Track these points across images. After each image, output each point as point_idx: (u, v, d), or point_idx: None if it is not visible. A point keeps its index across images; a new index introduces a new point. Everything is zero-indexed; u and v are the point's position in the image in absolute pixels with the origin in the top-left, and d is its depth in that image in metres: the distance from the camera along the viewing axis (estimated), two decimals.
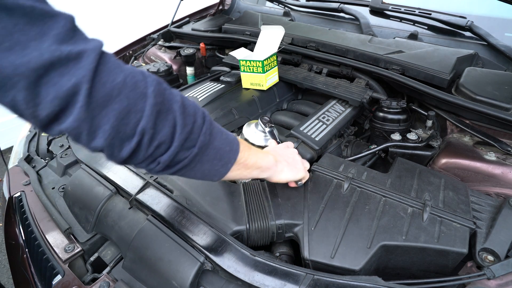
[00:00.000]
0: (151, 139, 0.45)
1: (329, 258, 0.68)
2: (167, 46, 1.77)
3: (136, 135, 0.44)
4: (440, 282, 0.67)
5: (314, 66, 1.35)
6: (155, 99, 0.44)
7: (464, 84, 1.05)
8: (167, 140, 0.47)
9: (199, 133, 0.51)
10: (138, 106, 0.43)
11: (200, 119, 0.51)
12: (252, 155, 0.66)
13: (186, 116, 0.49)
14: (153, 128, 0.45)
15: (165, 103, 0.46)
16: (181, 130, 0.48)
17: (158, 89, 0.46)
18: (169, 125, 0.46)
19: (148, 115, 0.44)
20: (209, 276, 0.69)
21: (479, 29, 1.28)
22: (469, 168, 0.92)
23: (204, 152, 0.53)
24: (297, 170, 0.79)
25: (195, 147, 0.51)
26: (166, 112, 0.46)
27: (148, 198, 0.80)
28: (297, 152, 0.83)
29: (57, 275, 0.77)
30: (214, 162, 0.56)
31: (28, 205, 0.94)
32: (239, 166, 0.62)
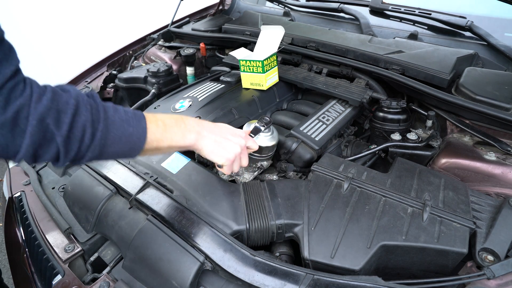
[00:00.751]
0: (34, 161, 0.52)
1: (329, 258, 0.68)
2: (167, 46, 1.77)
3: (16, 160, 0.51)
4: (440, 282, 0.67)
5: (314, 66, 1.35)
6: (31, 139, 0.49)
7: (464, 84, 1.05)
8: (52, 160, 0.54)
9: (86, 150, 0.55)
10: (16, 141, 0.48)
11: (88, 139, 0.54)
12: (165, 140, 0.66)
13: (69, 144, 0.53)
14: (32, 157, 0.51)
15: (47, 137, 0.50)
16: (64, 156, 0.53)
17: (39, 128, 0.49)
18: (51, 152, 0.52)
19: (24, 151, 0.49)
20: (209, 276, 0.69)
21: (479, 29, 1.28)
22: (469, 168, 0.92)
23: (98, 157, 0.58)
24: (223, 150, 0.73)
25: (83, 159, 0.56)
26: (47, 144, 0.51)
27: (148, 198, 0.80)
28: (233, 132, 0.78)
29: (57, 275, 0.77)
30: (114, 157, 0.62)
31: (28, 205, 0.94)
32: (148, 152, 0.65)
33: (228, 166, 0.75)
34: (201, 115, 1.07)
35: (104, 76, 1.58)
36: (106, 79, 1.57)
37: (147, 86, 1.47)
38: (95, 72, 1.61)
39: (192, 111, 1.09)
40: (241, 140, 0.77)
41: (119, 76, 1.51)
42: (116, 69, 1.64)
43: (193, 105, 1.13)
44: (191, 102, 1.15)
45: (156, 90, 1.42)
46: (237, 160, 0.77)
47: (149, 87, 1.46)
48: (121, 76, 1.50)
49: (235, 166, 0.77)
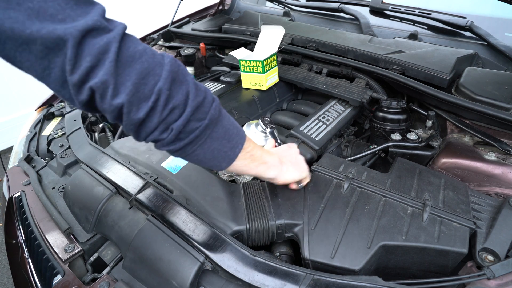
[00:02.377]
0: (166, 101, 0.50)
1: (329, 258, 0.68)
2: (167, 46, 1.77)
3: (153, 95, 0.49)
4: (440, 282, 0.67)
5: (314, 66, 1.35)
6: (171, 67, 0.51)
7: (464, 84, 1.05)
8: (180, 105, 0.52)
9: (210, 107, 0.56)
10: (156, 70, 0.49)
11: (210, 96, 0.57)
12: (257, 148, 0.68)
13: (198, 89, 0.54)
14: (168, 90, 0.50)
15: (179, 74, 0.52)
16: (193, 98, 0.53)
17: (173, 63, 0.52)
18: (182, 93, 0.52)
19: (164, 78, 0.50)
20: (209, 276, 0.69)
21: (479, 29, 1.28)
22: (469, 168, 0.92)
23: (213, 127, 0.57)
24: (302, 169, 0.79)
25: (205, 119, 0.55)
26: (180, 81, 0.52)
27: (148, 198, 0.80)
28: (299, 152, 0.83)
29: (57, 275, 0.77)
30: (223, 142, 0.60)
31: (28, 205, 0.94)
32: (245, 155, 0.65)
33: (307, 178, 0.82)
34: None
35: None
36: None
37: None
38: None
39: None
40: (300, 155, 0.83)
41: None
42: None
43: None
44: None
45: None
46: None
47: None
48: None
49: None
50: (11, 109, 2.93)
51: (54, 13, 0.43)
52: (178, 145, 0.55)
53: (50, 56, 0.45)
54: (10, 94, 2.87)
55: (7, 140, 2.99)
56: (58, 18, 0.43)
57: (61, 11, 0.44)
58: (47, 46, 0.43)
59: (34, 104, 1.44)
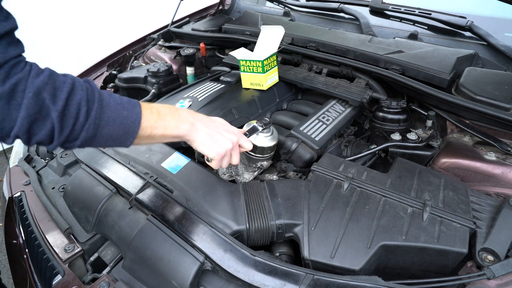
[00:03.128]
0: (28, 140, 0.53)
1: (329, 258, 0.68)
2: (167, 46, 1.77)
3: (11, 138, 0.52)
4: (440, 282, 0.67)
5: (314, 66, 1.35)
6: (27, 111, 0.50)
7: (464, 84, 1.05)
8: (46, 139, 0.54)
9: (81, 129, 0.56)
10: (12, 115, 0.50)
11: (83, 117, 0.56)
12: (159, 128, 0.66)
13: (64, 121, 0.54)
14: (27, 133, 0.52)
15: (42, 112, 0.52)
16: (58, 134, 0.54)
17: (35, 101, 0.51)
18: (46, 129, 0.53)
19: (19, 125, 0.51)
20: (209, 276, 0.69)
21: (479, 29, 1.28)
22: (469, 168, 0.92)
23: (91, 141, 0.59)
24: (214, 144, 0.73)
25: (77, 140, 0.57)
26: (42, 119, 0.52)
27: (148, 198, 0.80)
28: (226, 127, 0.78)
29: (57, 275, 0.77)
30: (108, 142, 0.61)
31: (28, 205, 0.94)
32: (141, 140, 0.65)
33: (217, 161, 0.75)
34: None
35: (104, 76, 1.58)
36: (106, 79, 1.57)
37: (147, 86, 1.47)
38: (95, 72, 1.61)
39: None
40: (233, 136, 0.77)
41: (119, 76, 1.51)
42: (116, 69, 1.65)
43: (193, 105, 1.13)
44: (191, 102, 1.15)
45: (156, 90, 1.42)
46: (227, 156, 0.77)
47: (149, 87, 1.46)
48: (121, 76, 1.50)
49: (224, 162, 0.77)
50: None
51: None
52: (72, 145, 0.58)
53: None
54: None
55: None
56: None
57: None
58: None
59: None
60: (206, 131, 0.73)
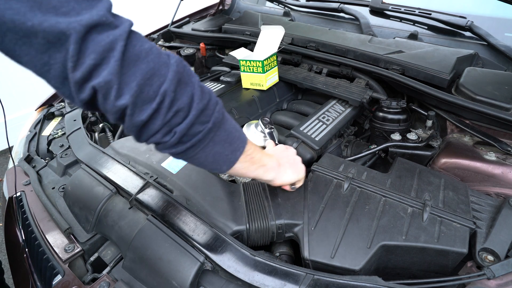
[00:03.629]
0: (171, 103, 0.49)
1: (329, 258, 0.68)
2: (167, 46, 1.77)
3: (158, 97, 0.48)
4: (440, 282, 0.67)
5: (314, 66, 1.35)
6: (177, 68, 0.49)
7: (464, 84, 1.05)
8: (185, 107, 0.50)
9: (214, 109, 0.55)
10: (161, 71, 0.48)
11: (214, 98, 0.56)
12: (257, 151, 0.68)
13: (203, 92, 0.53)
14: (173, 92, 0.49)
15: (185, 76, 0.51)
16: (198, 101, 0.52)
17: (179, 63, 0.51)
18: (187, 95, 0.51)
19: (170, 79, 0.48)
20: (209, 276, 0.69)
21: (479, 29, 1.28)
22: (469, 168, 0.92)
23: (216, 130, 0.56)
24: (299, 171, 0.79)
25: (209, 122, 0.54)
26: (185, 83, 0.51)
27: (148, 198, 0.80)
28: (296, 153, 0.83)
29: (57, 275, 0.77)
30: (225, 145, 0.59)
31: (28, 205, 0.94)
32: (246, 158, 0.64)
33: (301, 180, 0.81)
34: None
35: None
36: None
37: None
38: None
39: None
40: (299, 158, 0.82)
41: None
42: None
43: None
44: None
45: None
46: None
47: None
48: None
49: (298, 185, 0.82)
50: (11, 109, 2.92)
51: (58, 5, 0.41)
52: (180, 148, 0.54)
53: (51, 51, 0.42)
54: (10, 94, 2.87)
55: None
56: (61, 11, 0.41)
57: (65, 3, 0.41)
58: (49, 40, 0.41)
59: (34, 104, 1.44)
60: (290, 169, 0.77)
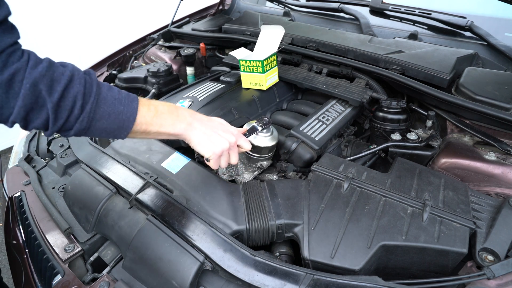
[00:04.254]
0: (25, 126, 0.55)
1: (329, 258, 0.68)
2: (167, 46, 1.77)
3: (9, 123, 0.55)
4: (440, 282, 0.67)
5: (314, 66, 1.35)
6: (23, 101, 0.52)
7: (464, 84, 1.05)
8: (42, 127, 0.57)
9: (75, 121, 0.58)
10: (10, 103, 0.52)
11: (78, 110, 0.57)
12: (154, 125, 0.68)
13: (59, 112, 0.56)
14: (23, 120, 0.54)
15: (39, 102, 0.54)
16: (52, 124, 0.56)
17: (32, 92, 0.53)
18: (42, 118, 0.55)
19: (16, 113, 0.53)
20: (209, 276, 0.69)
21: (479, 29, 1.28)
22: (469, 168, 0.92)
23: (85, 132, 0.60)
24: (210, 143, 0.74)
25: (71, 130, 0.59)
26: (38, 109, 0.54)
27: (148, 198, 0.80)
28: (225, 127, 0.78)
29: (57, 275, 0.77)
30: (102, 134, 0.63)
31: (28, 205, 0.94)
32: (136, 134, 0.67)
33: (214, 161, 0.76)
34: None
35: (104, 76, 1.58)
36: (106, 79, 1.57)
37: (147, 86, 1.47)
38: (95, 72, 1.61)
39: None
40: (231, 136, 0.77)
41: (119, 76, 1.51)
42: (116, 69, 1.64)
43: (193, 105, 1.13)
44: (191, 102, 1.15)
45: (156, 90, 1.42)
46: (225, 156, 0.77)
47: (149, 87, 1.46)
48: (121, 76, 1.50)
49: (222, 162, 0.78)
50: None
51: None
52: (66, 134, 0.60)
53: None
54: None
55: (7, 140, 2.99)
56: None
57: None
58: None
59: None
60: (203, 131, 0.74)
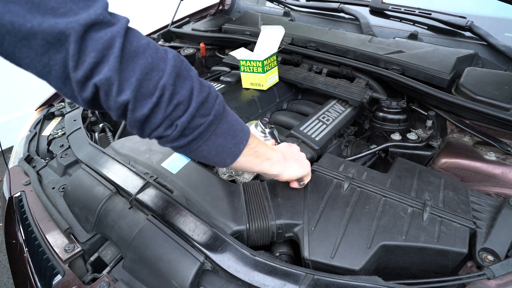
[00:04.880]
0: (171, 97, 0.50)
1: (329, 258, 0.68)
2: (167, 46, 1.77)
3: (158, 91, 0.49)
4: (440, 282, 0.67)
5: (314, 66, 1.35)
6: (174, 62, 0.50)
7: (464, 84, 1.05)
8: (185, 100, 0.51)
9: (214, 102, 0.55)
10: (160, 65, 0.49)
11: (214, 92, 0.56)
12: (261, 144, 0.68)
13: (202, 85, 0.54)
14: (173, 85, 0.50)
15: (183, 69, 0.52)
16: (197, 94, 0.52)
17: (177, 58, 0.52)
18: (187, 88, 0.52)
19: (168, 73, 0.49)
20: (209, 276, 0.69)
21: (479, 29, 1.28)
22: (469, 168, 0.92)
23: (218, 123, 0.57)
24: (304, 166, 0.78)
25: (210, 114, 0.55)
26: (184, 76, 0.52)
27: (148, 198, 0.80)
28: (299, 149, 0.83)
29: (57, 275, 0.77)
30: (228, 138, 0.59)
31: (28, 205, 0.94)
32: (250, 151, 0.64)
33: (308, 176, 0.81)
34: None
35: None
36: None
37: None
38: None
39: None
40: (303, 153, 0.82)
41: None
42: None
43: None
44: None
45: None
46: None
47: None
48: None
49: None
50: (11, 109, 2.93)
51: (56, 7, 0.42)
52: (182, 142, 0.54)
53: (51, 52, 0.43)
54: (10, 94, 2.87)
55: (7, 140, 3.00)
56: (59, 12, 0.42)
57: (62, 4, 0.42)
58: (48, 41, 0.42)
59: (34, 104, 1.44)
60: (295, 163, 0.77)
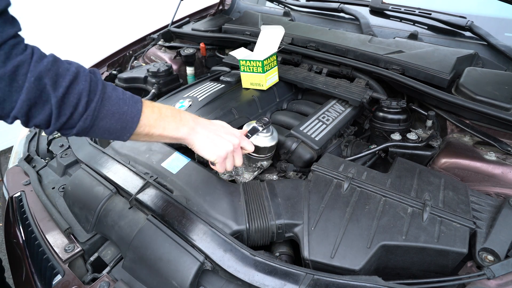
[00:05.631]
0: (26, 122, 0.55)
1: (329, 258, 0.68)
2: (167, 46, 1.77)
3: (10, 119, 0.53)
4: (440, 282, 0.67)
5: (314, 66, 1.35)
6: (27, 95, 0.51)
7: (464, 84, 1.05)
8: (43, 123, 0.56)
9: (79, 119, 0.57)
10: (13, 97, 0.51)
11: (82, 107, 0.56)
12: (157, 128, 0.67)
13: (62, 108, 0.55)
14: (25, 115, 0.53)
15: (42, 97, 0.53)
16: (55, 120, 0.55)
17: (36, 85, 0.52)
18: (44, 114, 0.54)
19: (19, 107, 0.52)
20: (209, 276, 0.69)
21: (479, 29, 1.28)
22: (469, 168, 0.92)
23: (87, 131, 0.59)
24: (218, 145, 0.74)
25: (74, 128, 0.58)
26: (41, 104, 0.53)
27: (148, 198, 0.80)
28: (227, 129, 0.79)
29: (57, 275, 0.77)
30: (105, 135, 0.62)
31: (28, 205, 0.94)
32: (139, 137, 0.66)
33: (220, 164, 0.76)
34: (201, 114, 1.07)
35: (104, 76, 1.58)
36: (106, 79, 1.57)
37: (147, 86, 1.47)
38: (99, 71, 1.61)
39: (192, 111, 1.09)
40: (234, 138, 0.78)
41: (119, 76, 1.51)
42: (116, 69, 1.65)
43: (193, 105, 1.13)
44: (191, 102, 1.15)
45: (156, 90, 1.42)
46: (229, 158, 0.77)
47: (149, 87, 1.46)
48: (121, 76, 1.50)
49: (228, 164, 0.78)
50: None
51: None
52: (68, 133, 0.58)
53: None
54: None
55: (7, 140, 3.00)
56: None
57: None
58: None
59: None
60: (206, 134, 0.74)
